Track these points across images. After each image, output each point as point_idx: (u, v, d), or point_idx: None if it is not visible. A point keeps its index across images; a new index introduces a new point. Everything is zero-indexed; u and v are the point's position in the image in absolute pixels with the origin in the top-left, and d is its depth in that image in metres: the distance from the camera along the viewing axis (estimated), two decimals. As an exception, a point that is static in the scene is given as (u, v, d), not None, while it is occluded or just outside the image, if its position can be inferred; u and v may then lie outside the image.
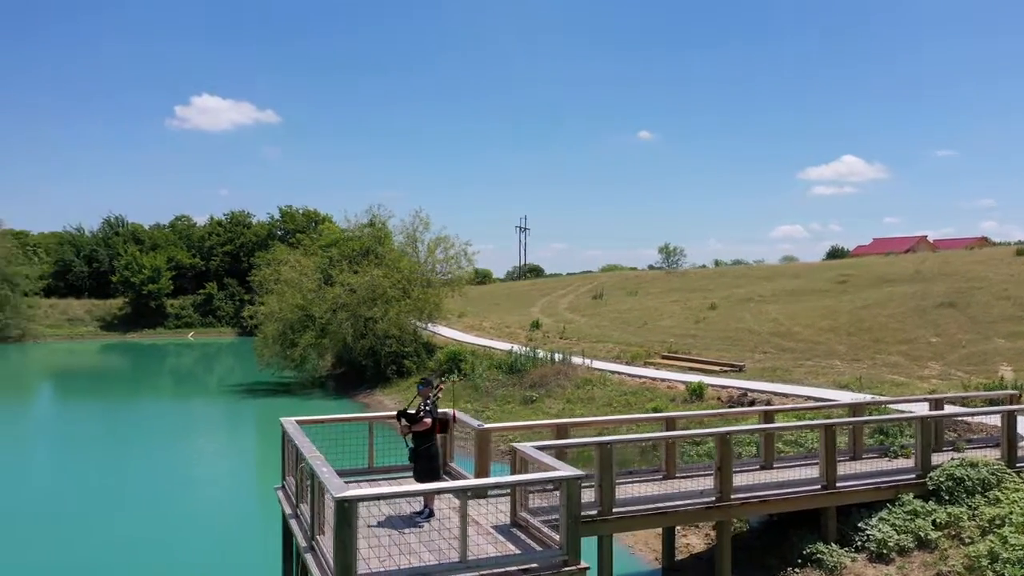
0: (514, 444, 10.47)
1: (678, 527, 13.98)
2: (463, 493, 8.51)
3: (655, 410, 21.10)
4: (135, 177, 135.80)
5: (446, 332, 44.59)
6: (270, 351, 34.54)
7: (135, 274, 69.08)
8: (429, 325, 41.55)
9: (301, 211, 77.17)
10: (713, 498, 11.28)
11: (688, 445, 13.96)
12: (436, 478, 10.74)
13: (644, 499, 11.18)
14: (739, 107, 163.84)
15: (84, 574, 13.94)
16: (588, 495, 10.51)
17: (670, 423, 12.71)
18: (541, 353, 29.85)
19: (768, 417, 13.49)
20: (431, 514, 10.43)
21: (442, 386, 11.10)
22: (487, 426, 11.82)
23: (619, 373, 27.33)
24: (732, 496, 11.31)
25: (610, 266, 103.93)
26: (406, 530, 9.78)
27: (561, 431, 12.21)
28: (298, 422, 12.27)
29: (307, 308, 33.48)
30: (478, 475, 11.56)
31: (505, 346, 33.51)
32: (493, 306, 63.88)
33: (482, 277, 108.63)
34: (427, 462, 10.81)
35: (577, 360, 28.81)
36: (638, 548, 13.86)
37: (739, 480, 12.13)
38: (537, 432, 13.41)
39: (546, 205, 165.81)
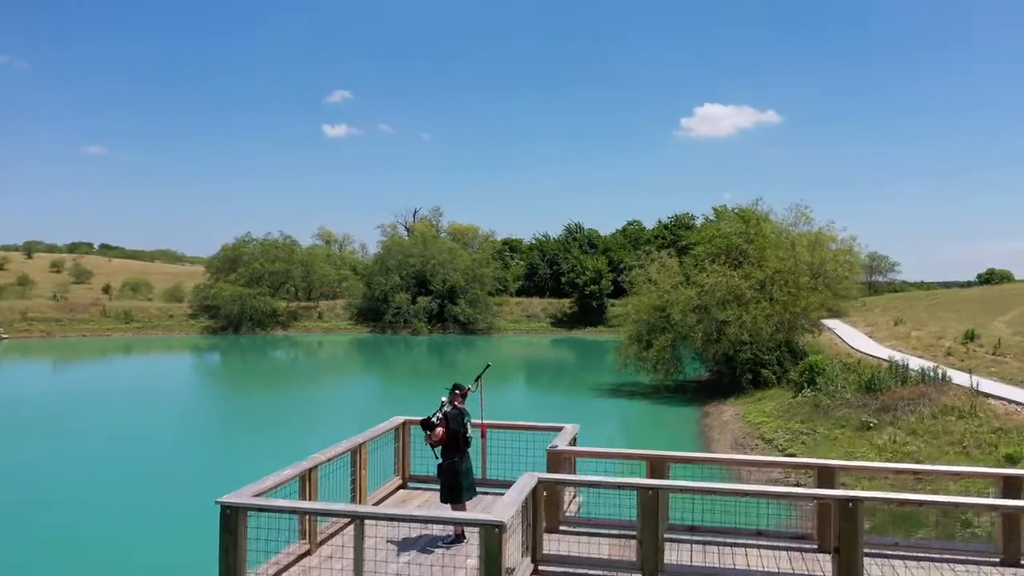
0: (526, 474, 8.55)
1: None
2: (357, 520, 7.22)
3: (1004, 460, 15.46)
4: (642, 188, 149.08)
5: (857, 341, 38.86)
6: (627, 352, 34.20)
7: (579, 275, 75.12)
8: (840, 331, 36.70)
9: (734, 210, 74.87)
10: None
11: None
12: (456, 500, 9.34)
13: (718, 571, 8.13)
14: None
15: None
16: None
17: (824, 474, 8.98)
18: (917, 367, 24.06)
19: (1011, 486, 8.65)
20: (457, 539, 9.13)
21: (467, 391, 9.65)
22: (559, 448, 9.88)
23: (1015, 403, 20.55)
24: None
25: None
26: (409, 552, 8.73)
27: (656, 466, 9.56)
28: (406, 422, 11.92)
29: (665, 309, 32.25)
30: (553, 510, 9.75)
31: (912, 360, 27.76)
32: (955, 312, 53.80)
33: (999, 278, 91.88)
34: (447, 479, 9.49)
35: (962, 381, 22.46)
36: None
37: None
38: (625, 463, 10.74)
39: None
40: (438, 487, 12.07)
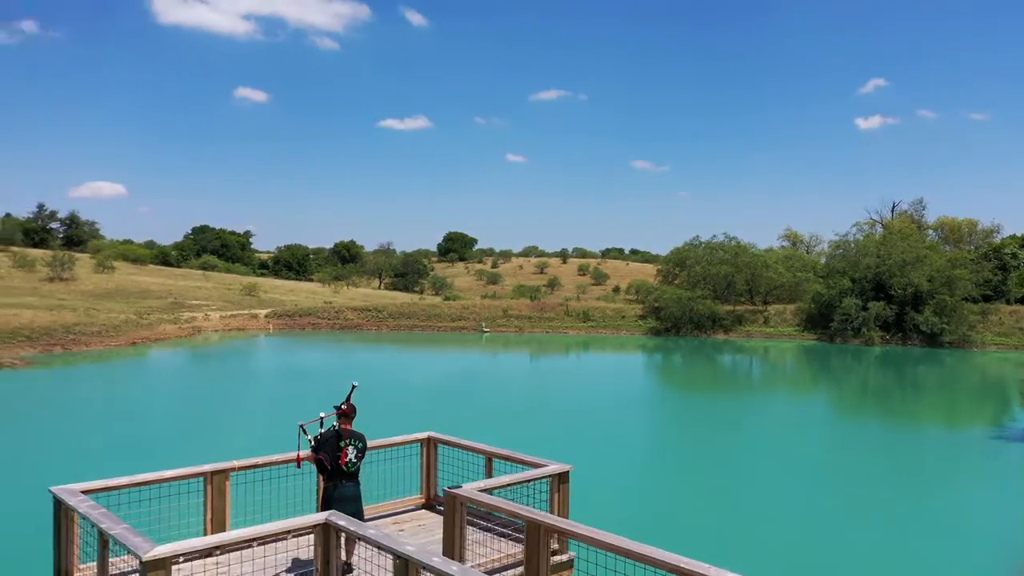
0: (329, 511, 7.34)
1: None
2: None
3: None
4: None
5: None
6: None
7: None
8: None
9: None
10: None
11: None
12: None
13: None
14: None
15: None
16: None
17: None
18: None
19: None
20: (346, 569, 8.41)
21: (343, 410, 8.57)
22: (462, 491, 8.19)
23: None
24: None
25: None
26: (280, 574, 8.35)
27: (532, 533, 7.20)
28: (432, 437, 11.11)
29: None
30: (444, 551, 8.28)
31: None
32: None
33: None
34: (321, 506, 8.68)
35: None
36: None
37: None
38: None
39: None
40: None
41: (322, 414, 8.65)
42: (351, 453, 8.51)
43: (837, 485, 21.95)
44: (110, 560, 7.24)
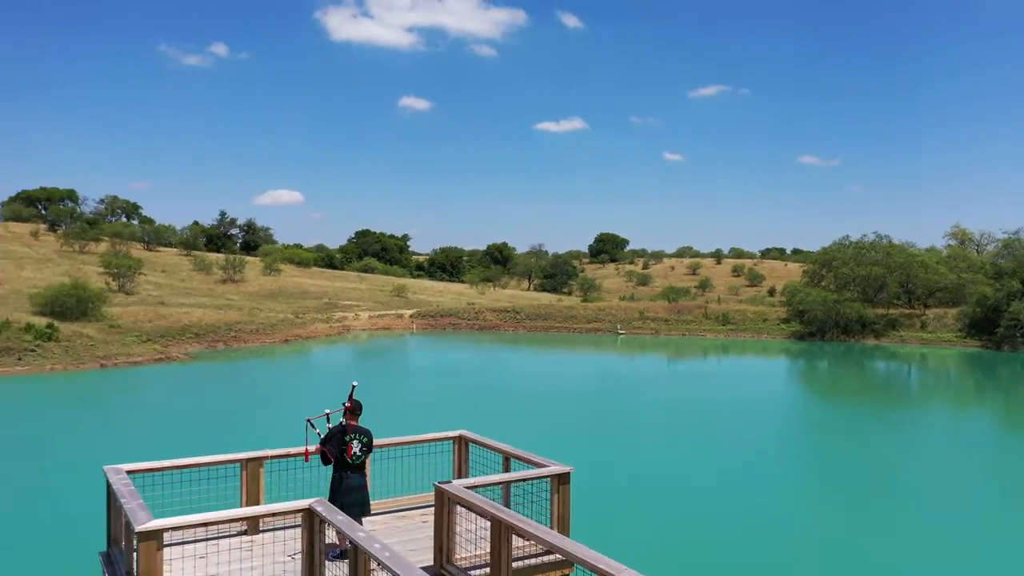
0: (315, 499, 8.08)
1: None
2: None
3: None
4: None
5: None
6: None
7: None
8: None
9: None
10: None
11: None
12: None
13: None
14: None
15: None
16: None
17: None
18: None
19: None
20: (343, 555, 9.23)
21: (347, 407, 9.26)
22: (452, 488, 8.71)
23: None
24: None
25: None
26: (292, 555, 9.27)
27: (495, 529, 7.54)
28: (463, 436, 11.71)
29: None
30: (435, 543, 8.88)
31: None
32: None
33: None
34: (329, 496, 9.45)
35: None
36: None
37: None
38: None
39: None
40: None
41: (327, 410, 9.47)
42: (356, 447, 9.26)
43: (998, 513, 20.45)
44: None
